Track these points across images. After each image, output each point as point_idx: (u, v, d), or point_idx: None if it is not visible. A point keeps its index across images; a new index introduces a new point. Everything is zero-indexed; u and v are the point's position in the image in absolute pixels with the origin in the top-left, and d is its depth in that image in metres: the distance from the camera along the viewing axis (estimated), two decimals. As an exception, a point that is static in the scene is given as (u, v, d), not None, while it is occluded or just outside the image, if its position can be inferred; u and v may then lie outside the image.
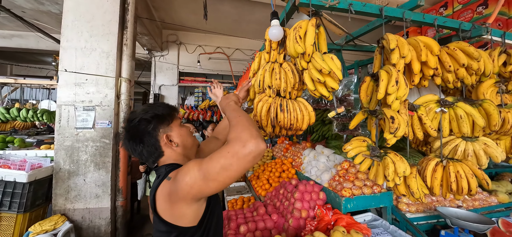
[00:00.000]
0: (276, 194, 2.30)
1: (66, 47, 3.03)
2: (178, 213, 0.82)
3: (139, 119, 0.92)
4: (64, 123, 2.89)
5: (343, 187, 1.86)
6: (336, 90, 1.08)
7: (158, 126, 0.94)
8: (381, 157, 1.07)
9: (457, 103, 1.28)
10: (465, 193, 1.13)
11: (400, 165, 1.00)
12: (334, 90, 1.07)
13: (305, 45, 1.02)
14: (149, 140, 0.92)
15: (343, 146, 1.22)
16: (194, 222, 0.85)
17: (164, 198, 0.84)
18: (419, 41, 1.13)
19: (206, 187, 0.75)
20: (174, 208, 0.82)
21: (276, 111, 1.15)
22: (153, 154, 0.94)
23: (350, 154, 1.19)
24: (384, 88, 1.02)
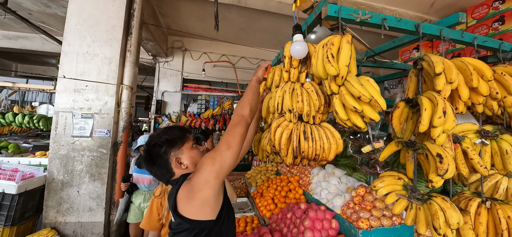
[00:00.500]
0: (283, 218, 2.12)
1: (67, 52, 2.93)
2: (200, 203, 0.93)
3: (153, 143, 1.05)
4: (61, 131, 2.75)
5: (359, 216, 1.67)
6: (376, 122, 0.92)
7: (169, 150, 1.05)
8: (424, 200, 0.89)
9: (502, 136, 1.12)
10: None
11: (452, 214, 0.82)
12: (373, 122, 0.90)
13: (339, 66, 0.86)
14: (160, 162, 1.04)
15: (372, 183, 1.05)
16: (213, 215, 0.96)
17: (186, 194, 0.95)
18: (468, 63, 0.97)
19: (226, 157, 0.91)
20: (197, 197, 0.92)
21: (298, 140, 0.99)
22: (165, 175, 1.06)
23: (380, 192, 1.01)
24: (428, 120, 0.85)
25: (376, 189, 1.03)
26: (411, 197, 0.94)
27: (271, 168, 3.83)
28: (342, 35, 0.88)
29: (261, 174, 3.73)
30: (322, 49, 0.91)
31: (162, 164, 1.03)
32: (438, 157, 0.82)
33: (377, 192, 1.03)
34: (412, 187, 0.97)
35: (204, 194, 0.91)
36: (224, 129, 6.85)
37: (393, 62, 1.78)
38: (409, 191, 0.96)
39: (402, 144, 1.00)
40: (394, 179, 1.03)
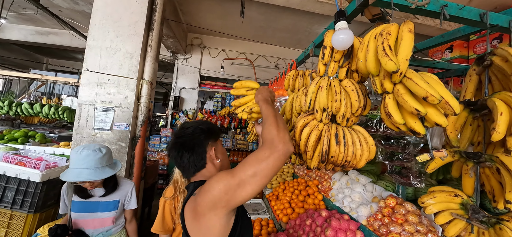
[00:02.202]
0: (301, 224, 2.00)
1: (92, 46, 3.00)
2: (205, 226, 0.80)
3: (194, 127, 1.00)
4: (83, 123, 2.82)
5: (389, 230, 1.51)
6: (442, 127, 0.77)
7: (209, 138, 0.99)
8: (491, 224, 0.74)
9: None
10: None
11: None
12: (438, 126, 0.75)
13: (399, 60, 0.71)
14: (198, 149, 0.96)
15: (420, 198, 0.90)
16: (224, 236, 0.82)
17: (191, 213, 0.85)
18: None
19: (242, 191, 0.75)
20: (201, 221, 0.80)
21: (329, 143, 0.87)
22: (197, 164, 0.97)
23: (430, 210, 0.86)
24: (505, 126, 0.69)
25: (425, 206, 0.88)
26: (472, 218, 0.79)
27: (287, 170, 3.70)
28: (406, 24, 0.74)
29: (277, 175, 3.61)
30: (375, 40, 0.77)
31: (199, 151, 0.95)
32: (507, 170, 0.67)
33: (426, 209, 0.88)
34: (473, 206, 0.81)
35: (209, 221, 0.78)
36: (239, 127, 6.80)
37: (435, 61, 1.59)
38: (470, 212, 0.80)
39: (461, 154, 0.84)
40: (449, 195, 0.87)
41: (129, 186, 1.85)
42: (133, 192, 1.83)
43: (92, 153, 1.55)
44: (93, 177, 1.50)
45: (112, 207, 1.71)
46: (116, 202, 1.75)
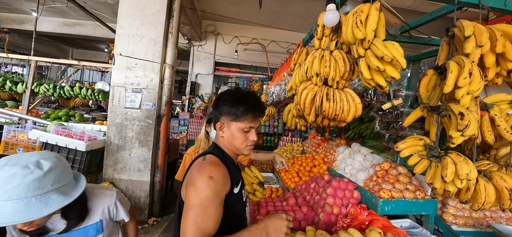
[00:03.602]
0: (307, 188, 2.28)
1: (120, 34, 3.35)
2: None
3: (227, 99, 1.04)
4: (116, 102, 3.22)
5: (381, 188, 1.75)
6: (396, 80, 1.01)
7: (224, 112, 1.04)
8: (441, 157, 0.96)
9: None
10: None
11: (462, 166, 0.88)
12: (393, 80, 0.99)
13: (366, 31, 0.96)
14: (217, 114, 1.07)
15: (396, 145, 1.13)
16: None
17: (187, 178, 0.97)
18: (495, 29, 0.98)
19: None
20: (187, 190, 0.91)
21: (321, 100, 1.12)
22: (214, 119, 1.11)
23: (403, 154, 1.09)
24: (454, 80, 0.90)
25: (399, 150, 1.11)
26: (429, 155, 1.01)
27: (297, 148, 3.97)
28: (374, 3, 0.96)
29: (287, 152, 3.89)
30: (353, 16, 1.01)
31: (216, 115, 1.07)
32: (460, 115, 0.87)
33: (401, 153, 1.11)
34: (430, 146, 1.03)
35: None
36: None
37: (430, 38, 1.73)
38: (428, 150, 1.03)
39: (427, 108, 1.05)
40: (415, 140, 1.10)
41: (109, 199, 1.18)
42: (118, 205, 1.19)
43: (21, 172, 0.82)
44: (22, 216, 0.79)
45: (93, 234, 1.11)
46: (95, 225, 1.12)
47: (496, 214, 1.93)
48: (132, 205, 3.32)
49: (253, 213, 1.99)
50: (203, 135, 1.98)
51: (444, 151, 1.00)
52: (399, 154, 1.12)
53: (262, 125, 6.81)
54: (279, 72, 3.21)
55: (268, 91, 3.29)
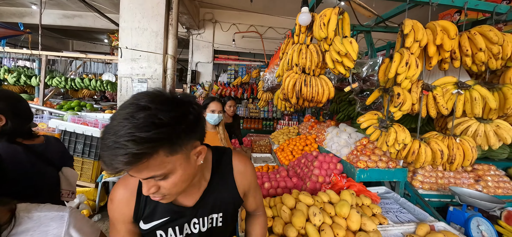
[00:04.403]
0: (298, 163, 2.59)
1: (124, 27, 3.56)
2: None
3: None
4: (124, 93, 3.49)
5: (359, 159, 2.05)
6: (351, 69, 1.27)
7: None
8: (388, 127, 1.24)
9: (474, 86, 1.35)
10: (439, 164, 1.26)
11: (400, 134, 1.17)
12: (349, 68, 1.26)
13: (328, 31, 1.21)
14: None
15: (358, 119, 1.40)
16: None
17: None
18: (437, 25, 1.22)
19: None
20: None
21: (300, 86, 1.39)
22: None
23: (363, 125, 1.38)
24: (395, 69, 1.17)
25: (360, 123, 1.39)
26: (380, 126, 1.29)
27: (293, 130, 4.27)
28: (334, 9, 1.20)
29: (284, 134, 4.19)
30: (319, 19, 1.26)
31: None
32: (397, 95, 1.14)
33: (361, 125, 1.39)
34: (381, 119, 1.31)
35: None
36: (252, 97, 7.33)
37: (400, 28, 1.95)
38: (379, 122, 1.30)
39: (380, 90, 1.32)
40: (372, 115, 1.37)
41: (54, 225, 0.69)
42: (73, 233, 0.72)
43: None
44: None
45: None
46: None
47: (460, 181, 2.24)
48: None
49: (251, 185, 2.31)
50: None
51: (391, 122, 1.28)
52: (360, 126, 1.40)
53: (262, 110, 7.09)
54: (273, 59, 3.44)
55: (264, 78, 3.54)
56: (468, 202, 1.74)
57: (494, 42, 1.23)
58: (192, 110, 0.61)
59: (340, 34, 1.29)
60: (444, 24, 1.24)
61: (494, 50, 1.25)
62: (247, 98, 7.29)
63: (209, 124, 2.17)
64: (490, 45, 1.25)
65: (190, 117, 0.60)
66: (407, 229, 1.58)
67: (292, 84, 1.42)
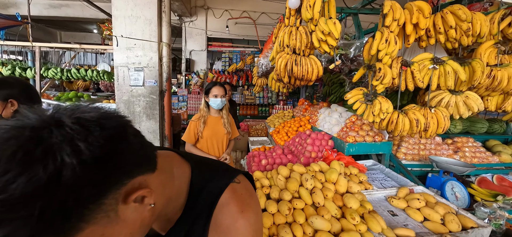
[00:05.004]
0: (293, 142, 2.76)
1: (117, 16, 3.56)
2: None
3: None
4: (121, 81, 3.55)
5: (348, 135, 2.23)
6: (334, 47, 1.41)
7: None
8: (372, 100, 1.39)
9: (448, 61, 1.50)
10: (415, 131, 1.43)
11: (384, 104, 1.32)
12: (333, 47, 1.40)
13: (313, 12, 1.33)
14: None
15: (345, 95, 1.55)
16: None
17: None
18: (414, 5, 1.35)
19: None
20: None
21: (291, 65, 1.52)
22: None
23: (350, 101, 1.52)
24: (376, 46, 1.30)
25: (347, 99, 1.54)
26: (365, 99, 1.44)
27: (287, 114, 4.42)
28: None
29: (279, 118, 4.35)
30: (305, 2, 1.38)
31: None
32: (378, 70, 1.29)
33: (348, 101, 1.53)
34: (366, 93, 1.46)
35: None
36: (247, 84, 7.40)
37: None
38: (365, 96, 1.46)
39: (365, 67, 1.46)
40: (358, 90, 1.52)
41: None
42: None
43: None
44: None
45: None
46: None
47: (440, 152, 2.45)
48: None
49: (249, 163, 2.48)
50: (204, 105, 2.27)
51: (375, 95, 1.43)
52: (348, 102, 1.55)
53: (257, 96, 7.20)
54: (267, 44, 3.53)
55: (258, 64, 3.63)
56: (444, 168, 1.94)
57: (463, 19, 1.37)
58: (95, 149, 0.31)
59: (325, 16, 1.41)
60: (420, 4, 1.36)
61: (463, 27, 1.39)
62: (243, 85, 7.37)
63: (212, 109, 2.25)
64: (460, 22, 1.39)
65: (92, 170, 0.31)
66: (389, 193, 1.77)
67: (284, 65, 1.55)
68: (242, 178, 0.54)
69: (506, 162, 2.52)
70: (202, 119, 2.24)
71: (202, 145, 2.28)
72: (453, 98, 1.55)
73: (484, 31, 1.45)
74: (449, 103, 1.55)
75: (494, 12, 1.58)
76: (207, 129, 2.23)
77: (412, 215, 1.50)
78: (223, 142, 2.32)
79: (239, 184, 0.51)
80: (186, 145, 2.32)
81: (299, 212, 1.29)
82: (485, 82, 1.47)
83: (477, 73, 1.44)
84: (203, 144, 2.27)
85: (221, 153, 2.31)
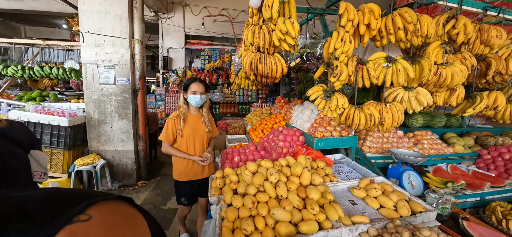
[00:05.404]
0: (267, 139, 2.82)
1: (84, 11, 3.39)
2: None
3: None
4: (90, 80, 3.39)
5: (317, 130, 2.33)
6: (293, 45, 1.47)
7: None
8: (331, 96, 1.48)
9: (399, 60, 1.63)
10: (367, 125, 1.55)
11: (340, 100, 1.41)
12: (291, 45, 1.46)
13: (272, 12, 1.38)
14: None
15: (307, 92, 1.63)
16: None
17: None
18: (366, 7, 1.45)
19: None
20: None
21: (256, 63, 1.56)
22: None
23: (311, 97, 1.61)
24: (333, 45, 1.39)
25: (309, 95, 1.61)
26: (325, 96, 1.53)
27: (265, 111, 4.49)
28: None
29: (257, 116, 4.40)
30: (265, 1, 1.43)
31: None
32: (335, 67, 1.37)
33: (310, 97, 1.61)
34: (326, 89, 1.55)
35: None
36: (227, 82, 7.37)
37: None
38: (324, 92, 1.54)
39: (325, 65, 1.55)
40: (319, 87, 1.61)
41: None
42: None
43: None
44: None
45: None
46: None
47: (401, 145, 2.64)
48: (121, 171, 3.68)
49: (223, 161, 2.50)
50: (182, 102, 2.19)
51: (333, 92, 1.52)
52: (309, 98, 1.64)
53: (237, 94, 7.21)
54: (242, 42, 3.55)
55: (234, 62, 3.65)
56: (401, 159, 2.10)
57: (409, 22, 1.50)
58: None
59: (286, 16, 1.46)
60: (371, 6, 1.47)
61: (410, 29, 1.52)
62: (223, 84, 7.34)
63: (192, 106, 2.19)
64: (407, 24, 1.52)
65: None
66: (352, 184, 1.88)
67: (249, 63, 1.59)
68: (103, 209, 0.33)
69: (459, 152, 2.78)
70: (181, 116, 2.16)
71: (181, 144, 2.22)
72: (406, 94, 1.69)
73: (430, 32, 1.60)
74: (402, 98, 1.69)
75: (440, 15, 1.74)
76: (187, 127, 2.17)
77: (370, 203, 1.61)
78: (204, 141, 2.29)
79: (89, 222, 0.30)
80: (163, 145, 2.22)
81: (262, 205, 1.34)
82: (433, 79, 1.63)
83: (425, 71, 1.58)
84: (183, 143, 2.21)
85: (201, 152, 2.28)
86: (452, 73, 1.62)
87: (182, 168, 2.27)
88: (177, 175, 2.27)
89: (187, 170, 2.27)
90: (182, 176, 2.27)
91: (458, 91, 1.80)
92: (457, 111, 2.10)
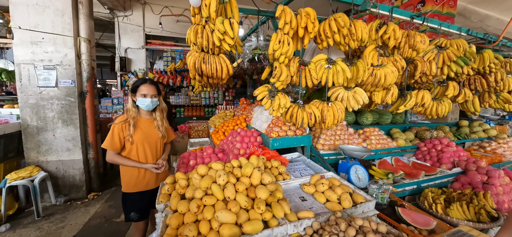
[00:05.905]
0: (226, 141, 2.79)
1: (15, 3, 2.99)
2: None
3: None
4: (26, 82, 2.99)
5: (272, 130, 2.37)
6: (232, 45, 1.48)
7: None
8: (274, 96, 1.53)
9: (338, 62, 1.76)
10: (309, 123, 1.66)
11: (282, 100, 1.47)
12: (232, 45, 1.47)
13: (209, 12, 1.37)
14: None
15: (254, 92, 1.66)
16: None
17: None
18: (303, 11, 1.54)
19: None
20: None
21: (200, 64, 1.53)
22: None
23: (258, 97, 1.64)
24: (272, 46, 1.44)
25: (255, 95, 1.64)
26: (269, 95, 1.58)
27: (229, 113, 4.46)
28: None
29: (220, 118, 4.35)
30: (203, 1, 1.41)
31: None
32: (275, 68, 1.42)
33: (257, 97, 1.64)
34: (270, 89, 1.60)
35: None
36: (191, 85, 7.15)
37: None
38: (269, 92, 1.59)
39: (269, 65, 1.60)
40: (264, 87, 1.66)
41: None
42: None
43: None
44: None
45: None
46: None
47: (352, 141, 2.84)
48: (67, 184, 3.29)
49: (179, 165, 2.40)
50: (131, 105, 2.01)
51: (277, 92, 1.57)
52: (256, 98, 1.67)
53: (203, 97, 7.04)
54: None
55: (194, 63, 3.56)
56: (349, 154, 2.25)
57: (342, 26, 1.63)
58: None
59: (227, 16, 1.47)
60: (308, 10, 1.56)
61: (344, 32, 1.66)
62: (187, 86, 7.11)
63: (142, 110, 2.02)
64: (341, 28, 1.65)
65: None
66: (304, 180, 1.95)
67: (193, 63, 1.55)
68: None
69: (401, 145, 3.08)
70: (131, 121, 1.97)
71: (131, 151, 2.03)
72: (346, 93, 1.82)
73: (364, 36, 1.75)
74: (343, 97, 1.82)
75: (373, 22, 1.92)
76: (138, 132, 1.99)
77: (317, 198, 1.69)
78: (157, 147, 2.14)
79: None
80: (108, 154, 1.99)
81: (208, 208, 1.31)
82: (370, 80, 1.78)
83: (360, 72, 1.73)
84: (133, 150, 2.02)
85: (155, 159, 2.12)
86: (385, 74, 1.80)
87: (132, 178, 2.07)
88: (126, 186, 2.07)
89: (138, 180, 2.09)
90: (131, 187, 2.07)
91: (392, 91, 2.01)
92: (393, 108, 2.33)
